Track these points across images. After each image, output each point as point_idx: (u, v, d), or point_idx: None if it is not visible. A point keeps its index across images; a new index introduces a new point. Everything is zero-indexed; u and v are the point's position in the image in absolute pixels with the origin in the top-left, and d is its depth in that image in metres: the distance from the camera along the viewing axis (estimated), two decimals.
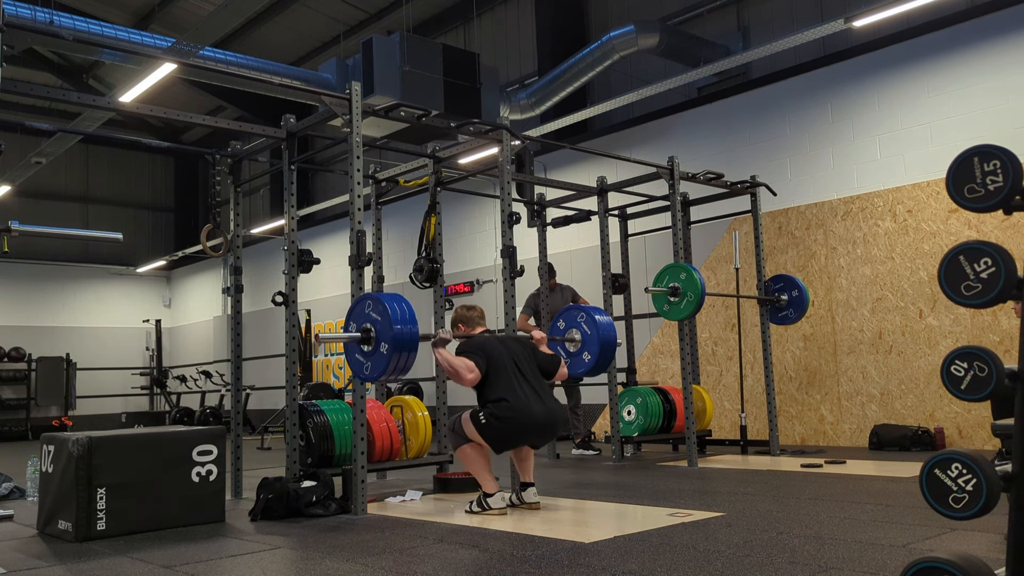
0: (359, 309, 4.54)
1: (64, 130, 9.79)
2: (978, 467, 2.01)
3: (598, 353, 5.56)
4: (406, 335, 4.30)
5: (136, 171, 19.27)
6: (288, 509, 4.70)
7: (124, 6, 13.42)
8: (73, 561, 3.72)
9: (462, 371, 4.59)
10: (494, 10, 12.47)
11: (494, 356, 4.69)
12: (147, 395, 18.15)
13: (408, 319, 4.33)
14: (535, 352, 4.97)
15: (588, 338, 5.61)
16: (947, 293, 2.20)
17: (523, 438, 4.68)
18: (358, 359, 4.50)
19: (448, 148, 6.44)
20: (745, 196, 7.95)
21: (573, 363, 5.70)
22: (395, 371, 4.36)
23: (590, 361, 5.59)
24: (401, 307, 4.37)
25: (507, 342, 4.89)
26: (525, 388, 4.65)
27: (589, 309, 5.78)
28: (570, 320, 5.76)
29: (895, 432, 7.38)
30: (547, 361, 4.98)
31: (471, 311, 5.16)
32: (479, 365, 4.62)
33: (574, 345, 5.69)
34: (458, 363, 4.61)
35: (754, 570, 3.08)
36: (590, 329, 5.61)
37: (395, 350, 4.28)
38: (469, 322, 5.11)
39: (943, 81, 7.60)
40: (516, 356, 4.77)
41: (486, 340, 4.83)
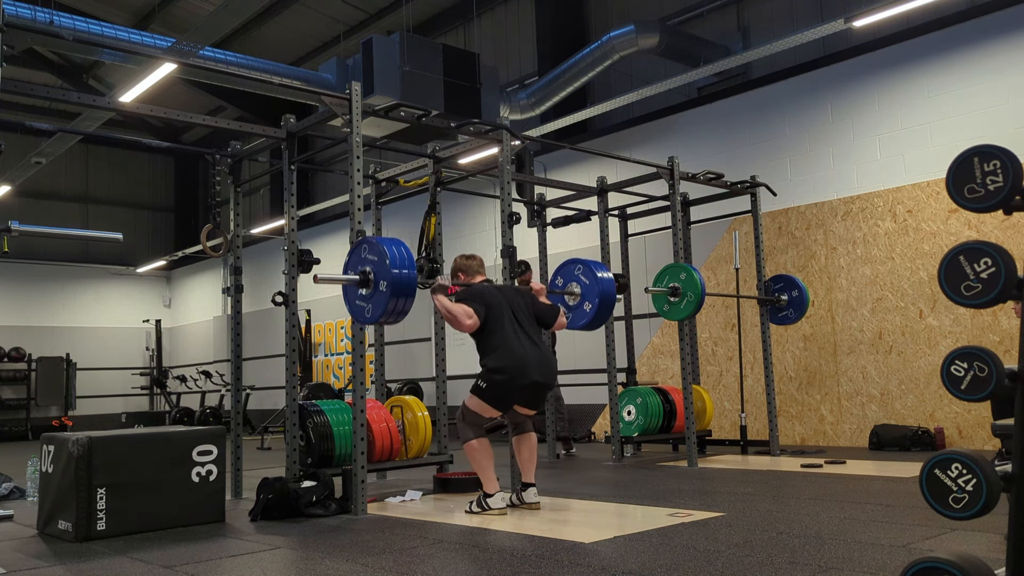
0: (357, 254, 4.56)
1: (64, 130, 9.79)
2: (978, 467, 2.01)
3: (598, 303, 5.51)
4: (404, 279, 4.32)
5: (136, 171, 19.27)
6: (288, 509, 4.70)
7: (124, 6, 13.42)
8: (73, 561, 3.72)
9: (460, 317, 4.60)
10: (494, 10, 12.46)
11: (492, 304, 4.71)
12: (147, 395, 18.16)
13: (406, 263, 4.36)
14: (534, 302, 4.98)
15: (587, 288, 5.58)
16: (947, 293, 2.20)
17: (522, 388, 4.63)
18: (358, 304, 4.52)
19: (448, 148, 6.44)
20: (745, 196, 7.95)
21: (574, 316, 5.67)
22: (394, 313, 4.39)
23: (591, 311, 5.55)
24: (399, 250, 4.39)
25: (505, 291, 4.91)
26: (522, 337, 4.68)
27: (586, 261, 5.74)
28: (568, 275, 5.71)
29: (895, 432, 7.38)
30: (545, 311, 4.99)
31: (470, 260, 5.16)
32: (478, 312, 4.64)
33: (573, 298, 5.66)
34: (457, 309, 4.63)
35: (754, 570, 3.08)
36: (588, 279, 5.58)
37: (394, 291, 4.30)
38: (468, 271, 5.12)
39: (943, 81, 7.60)
40: (514, 305, 4.79)
41: (485, 288, 4.85)
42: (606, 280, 5.56)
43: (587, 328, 5.77)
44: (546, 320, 4.98)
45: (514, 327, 4.70)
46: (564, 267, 5.83)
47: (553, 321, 5.01)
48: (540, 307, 4.98)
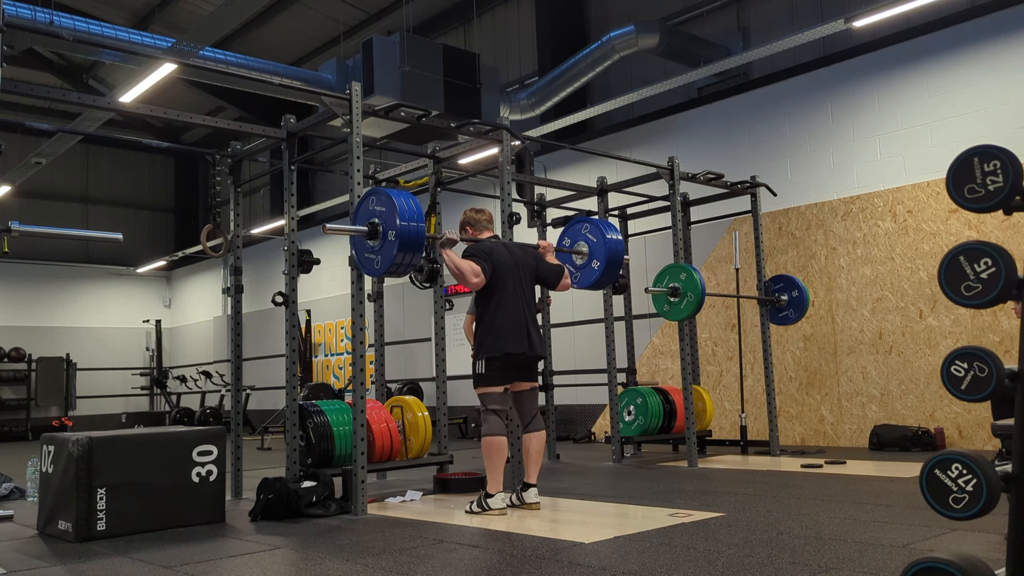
0: (365, 205, 4.57)
1: (64, 130, 9.80)
2: (978, 467, 2.01)
3: (606, 259, 5.48)
4: (412, 230, 4.33)
5: (136, 171, 19.27)
6: (288, 509, 4.70)
7: (124, 6, 13.42)
8: (73, 561, 3.72)
9: (468, 274, 4.62)
10: (494, 10, 12.46)
11: (499, 264, 4.73)
12: (147, 395, 18.16)
13: (415, 215, 4.37)
14: (539, 261, 4.97)
15: (595, 246, 5.55)
16: (947, 293, 2.20)
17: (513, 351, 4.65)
18: (367, 257, 4.55)
19: (448, 148, 6.44)
20: (745, 196, 7.95)
21: (582, 275, 5.63)
22: (402, 266, 4.42)
23: (599, 268, 5.51)
24: (408, 202, 4.39)
25: (513, 250, 4.91)
26: (519, 302, 4.74)
27: (594, 220, 5.70)
28: (575, 234, 5.67)
29: (895, 432, 7.38)
30: (551, 271, 4.99)
31: (480, 213, 5.14)
32: (484, 270, 4.66)
33: (581, 257, 5.63)
34: (465, 266, 4.64)
35: (754, 570, 3.08)
36: (595, 236, 5.55)
37: (402, 243, 4.32)
38: (477, 225, 5.10)
39: (943, 81, 7.60)
40: (521, 268, 4.82)
41: (494, 246, 4.85)
42: (614, 239, 5.53)
43: (594, 287, 5.71)
44: (550, 280, 4.99)
45: (516, 291, 4.74)
46: (572, 226, 5.78)
47: (558, 281, 5.01)
48: (545, 267, 4.98)
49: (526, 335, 4.72)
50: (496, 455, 4.65)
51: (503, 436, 4.69)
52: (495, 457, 4.65)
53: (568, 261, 5.57)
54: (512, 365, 4.72)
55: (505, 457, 4.71)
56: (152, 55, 8.46)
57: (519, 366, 4.77)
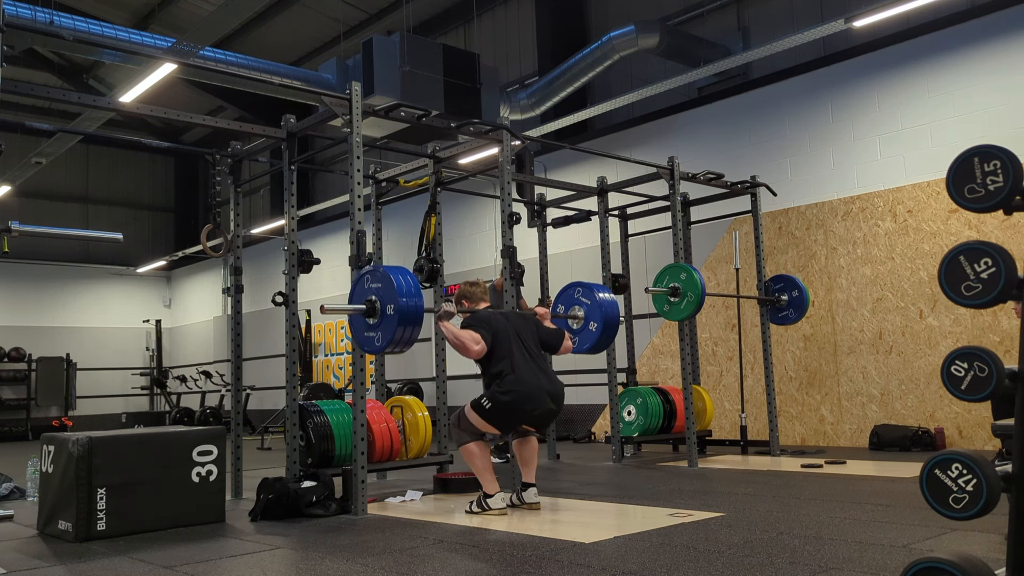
0: (360, 284, 4.54)
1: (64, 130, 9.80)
2: (978, 467, 2.01)
3: (602, 320, 5.49)
4: (411, 307, 4.29)
5: (136, 171, 19.27)
6: (288, 509, 4.70)
7: (124, 6, 13.42)
8: (73, 561, 3.72)
9: (468, 343, 4.60)
10: (494, 10, 12.46)
11: (499, 329, 4.72)
12: (147, 395, 18.16)
13: (413, 292, 4.34)
14: (538, 326, 4.98)
15: (590, 309, 5.56)
16: (947, 293, 2.20)
17: (529, 413, 4.63)
18: (367, 335, 4.49)
19: (448, 148, 6.44)
20: (745, 196, 7.94)
21: (580, 338, 5.64)
22: (401, 342, 4.37)
23: (597, 329, 5.52)
24: (405, 279, 4.37)
25: (510, 317, 4.92)
26: (529, 362, 4.67)
27: (585, 284, 5.73)
28: (568, 300, 5.70)
29: (895, 432, 7.38)
30: (551, 335, 4.99)
31: (475, 287, 5.17)
32: (484, 338, 4.64)
33: (577, 322, 5.64)
34: (464, 335, 4.63)
35: (754, 570, 3.08)
36: (589, 299, 5.56)
37: (401, 319, 4.28)
38: (473, 298, 5.13)
39: (943, 81, 7.60)
40: (519, 330, 4.80)
41: (490, 314, 4.86)
42: (607, 300, 5.54)
43: (592, 351, 5.73)
44: (552, 344, 4.97)
45: (523, 353, 4.68)
46: (563, 292, 5.81)
47: (559, 344, 4.99)
48: (545, 332, 4.97)
49: (543, 393, 4.61)
50: (479, 459, 4.66)
51: (479, 440, 4.69)
52: (478, 460, 4.66)
53: (564, 326, 5.57)
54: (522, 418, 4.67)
55: (489, 458, 4.72)
56: (152, 55, 8.46)
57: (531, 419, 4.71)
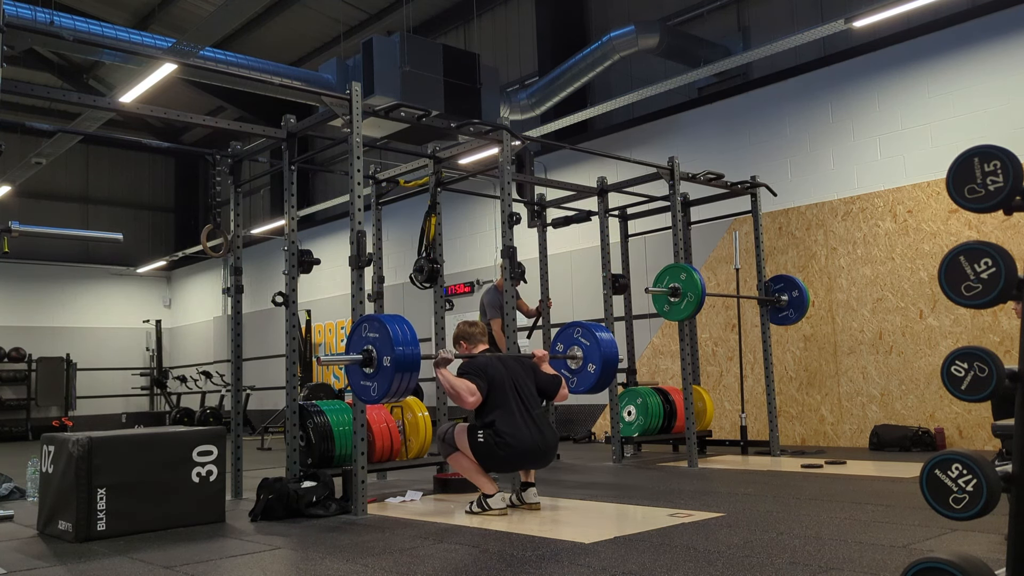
0: (358, 332, 4.47)
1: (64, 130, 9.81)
2: (978, 467, 2.01)
3: (601, 362, 5.48)
4: (408, 356, 4.22)
5: (136, 171, 19.27)
6: (288, 510, 4.70)
7: (124, 6, 13.42)
8: (73, 561, 3.72)
9: (464, 394, 4.58)
10: (494, 10, 12.46)
11: (495, 379, 4.69)
12: (147, 395, 18.15)
13: (409, 340, 4.27)
14: (536, 373, 4.94)
15: (589, 350, 5.53)
16: (947, 293, 2.20)
17: (516, 465, 4.71)
18: (363, 384, 4.42)
19: (448, 148, 6.44)
20: (745, 196, 7.94)
21: (579, 379, 5.62)
22: (399, 392, 4.30)
23: (595, 371, 5.50)
24: (402, 328, 4.29)
25: (508, 363, 4.87)
26: (525, 417, 4.65)
27: (584, 324, 5.71)
28: (567, 339, 5.68)
29: (895, 432, 7.38)
30: (548, 382, 4.96)
31: (473, 327, 5.12)
32: (480, 388, 4.62)
33: (576, 362, 5.63)
34: (460, 385, 4.61)
35: (754, 570, 3.08)
36: (588, 340, 5.53)
37: (398, 369, 4.21)
38: (471, 339, 5.08)
39: (943, 81, 7.60)
40: (516, 379, 4.76)
41: (488, 361, 4.82)
42: (607, 340, 5.53)
43: (591, 392, 5.71)
44: (549, 391, 4.95)
45: (517, 404, 4.67)
46: (563, 332, 5.78)
47: (556, 392, 4.98)
48: (542, 378, 4.94)
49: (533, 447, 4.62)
50: (469, 464, 4.67)
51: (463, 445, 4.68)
52: (469, 466, 4.68)
53: (563, 366, 5.57)
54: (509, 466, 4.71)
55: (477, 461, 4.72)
56: (152, 55, 8.46)
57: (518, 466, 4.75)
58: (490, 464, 4.64)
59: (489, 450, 4.56)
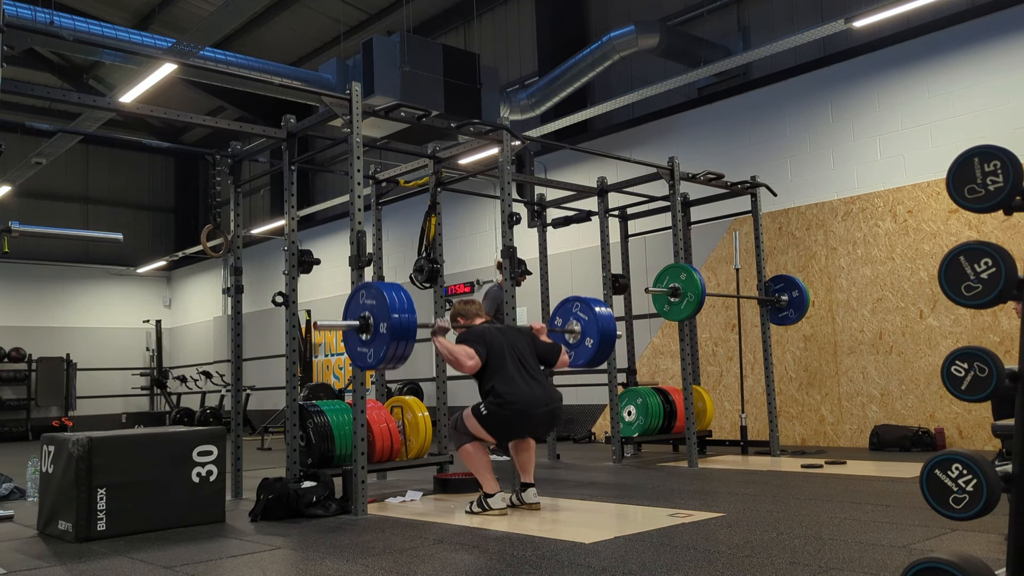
0: (356, 299, 4.53)
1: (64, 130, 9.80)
2: (978, 468, 2.01)
3: (599, 336, 5.49)
4: (404, 323, 4.29)
5: (136, 171, 19.27)
6: (288, 510, 4.69)
7: (124, 6, 13.42)
8: (73, 561, 3.72)
9: (462, 358, 4.61)
10: (494, 10, 12.46)
11: (494, 344, 4.71)
12: (147, 395, 18.15)
13: (406, 307, 4.33)
14: (535, 341, 4.98)
15: (587, 324, 5.55)
16: (947, 294, 2.20)
17: (525, 426, 4.66)
18: (360, 351, 4.49)
19: (448, 148, 6.44)
20: (745, 196, 7.94)
21: (576, 353, 5.64)
22: (395, 358, 4.36)
23: (593, 346, 5.52)
24: (399, 295, 4.36)
25: (507, 332, 4.91)
26: (525, 376, 4.67)
27: (583, 299, 5.73)
28: (565, 313, 5.70)
29: (895, 433, 7.38)
30: (547, 350, 4.99)
31: (469, 305, 5.17)
32: (479, 353, 4.64)
33: (574, 336, 5.64)
34: (458, 351, 4.64)
35: (754, 571, 3.08)
36: (587, 315, 5.55)
37: (394, 336, 4.27)
38: (468, 315, 5.12)
39: (943, 81, 7.60)
40: (516, 345, 4.79)
41: (486, 329, 4.86)
42: (604, 315, 5.54)
43: (590, 365, 5.72)
44: (549, 358, 4.97)
45: (517, 366, 4.68)
46: (561, 306, 5.80)
47: (556, 359, 5.00)
48: (541, 346, 4.97)
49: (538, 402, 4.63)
50: (477, 459, 4.67)
51: (476, 441, 4.69)
52: (476, 461, 4.67)
53: (561, 340, 5.57)
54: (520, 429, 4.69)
55: (487, 458, 4.72)
56: (152, 55, 8.46)
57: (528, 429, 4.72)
58: (502, 430, 4.62)
59: (496, 416, 4.56)
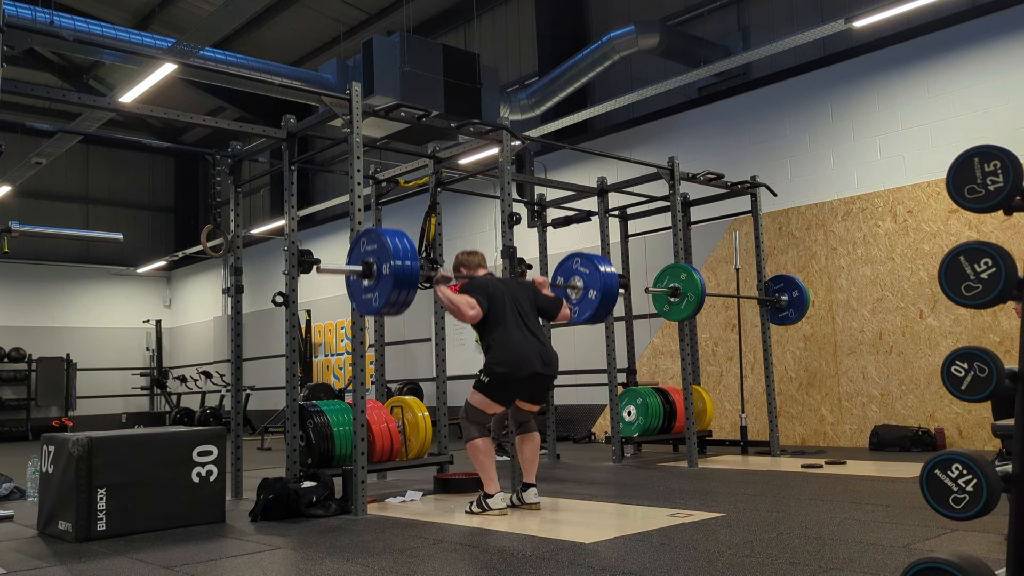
0: (358, 247, 4.53)
1: (64, 130, 9.80)
2: (978, 467, 2.01)
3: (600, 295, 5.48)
4: (406, 269, 4.29)
5: (136, 171, 19.26)
6: (288, 509, 4.69)
7: (124, 6, 13.42)
8: (73, 561, 3.72)
9: (463, 307, 4.63)
10: (494, 10, 12.46)
11: (495, 295, 4.73)
12: (147, 395, 18.15)
13: (408, 253, 4.33)
14: (536, 294, 4.99)
15: (589, 278, 5.53)
16: (947, 293, 2.20)
17: (523, 380, 4.65)
18: (364, 297, 4.50)
19: (448, 148, 6.44)
20: (745, 196, 7.94)
21: (580, 307, 5.62)
22: (397, 304, 4.37)
23: (594, 302, 5.50)
24: (401, 241, 4.36)
25: (509, 284, 4.94)
26: (525, 332, 4.70)
27: (585, 254, 5.70)
28: (567, 271, 5.67)
29: (895, 433, 7.38)
30: (548, 302, 5.01)
31: (472, 255, 5.17)
32: (480, 303, 4.66)
33: (576, 292, 5.62)
34: (460, 300, 4.66)
35: (754, 571, 3.08)
36: (588, 269, 5.53)
37: (396, 281, 4.28)
38: (470, 266, 5.13)
39: (943, 81, 7.60)
40: (517, 298, 4.81)
41: (488, 280, 4.87)
42: (607, 272, 5.53)
43: (591, 321, 5.72)
44: (550, 311, 5.00)
45: (516, 319, 4.72)
46: (563, 263, 5.78)
47: (557, 312, 5.02)
48: (543, 299, 4.99)
49: (535, 357, 4.66)
50: (484, 456, 4.66)
51: (486, 437, 4.69)
52: (483, 458, 4.66)
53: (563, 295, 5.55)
54: (518, 386, 4.69)
55: (493, 456, 4.71)
56: (152, 55, 8.46)
57: (526, 387, 4.73)
58: (504, 388, 4.62)
59: (496, 376, 4.59)
